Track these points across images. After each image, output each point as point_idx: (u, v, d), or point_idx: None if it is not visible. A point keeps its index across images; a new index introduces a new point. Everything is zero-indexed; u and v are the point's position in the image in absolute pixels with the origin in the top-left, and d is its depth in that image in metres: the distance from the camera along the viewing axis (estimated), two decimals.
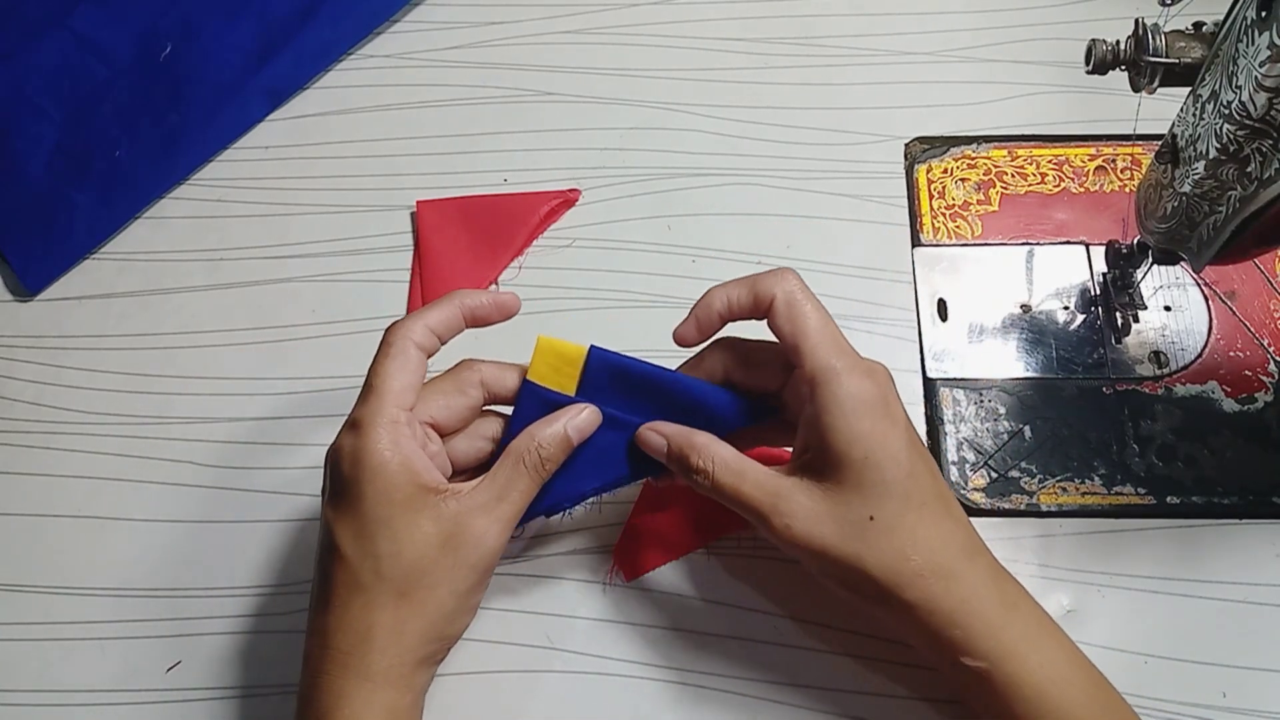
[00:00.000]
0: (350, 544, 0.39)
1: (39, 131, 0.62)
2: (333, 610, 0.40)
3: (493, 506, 0.40)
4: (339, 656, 0.39)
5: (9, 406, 0.56)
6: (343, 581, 0.39)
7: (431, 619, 0.40)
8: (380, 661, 0.39)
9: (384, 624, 0.39)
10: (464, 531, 0.40)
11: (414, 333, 0.42)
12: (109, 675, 0.49)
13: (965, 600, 0.39)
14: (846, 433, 0.39)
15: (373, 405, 0.40)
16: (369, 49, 0.66)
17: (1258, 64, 0.35)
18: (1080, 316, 0.54)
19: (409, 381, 0.41)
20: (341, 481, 0.40)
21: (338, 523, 0.40)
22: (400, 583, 0.39)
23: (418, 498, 0.39)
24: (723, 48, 0.64)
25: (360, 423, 0.40)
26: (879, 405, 0.39)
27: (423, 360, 0.42)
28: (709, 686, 0.47)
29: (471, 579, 0.40)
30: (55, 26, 0.64)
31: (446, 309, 0.43)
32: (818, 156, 0.60)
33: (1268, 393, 0.52)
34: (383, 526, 0.39)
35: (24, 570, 0.51)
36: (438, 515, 0.39)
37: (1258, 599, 0.48)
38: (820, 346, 0.40)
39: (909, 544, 0.39)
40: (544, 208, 0.58)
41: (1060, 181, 0.58)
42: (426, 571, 0.39)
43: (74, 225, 0.59)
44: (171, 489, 0.53)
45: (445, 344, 0.43)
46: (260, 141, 0.63)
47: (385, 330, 0.42)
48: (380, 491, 0.39)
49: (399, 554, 0.39)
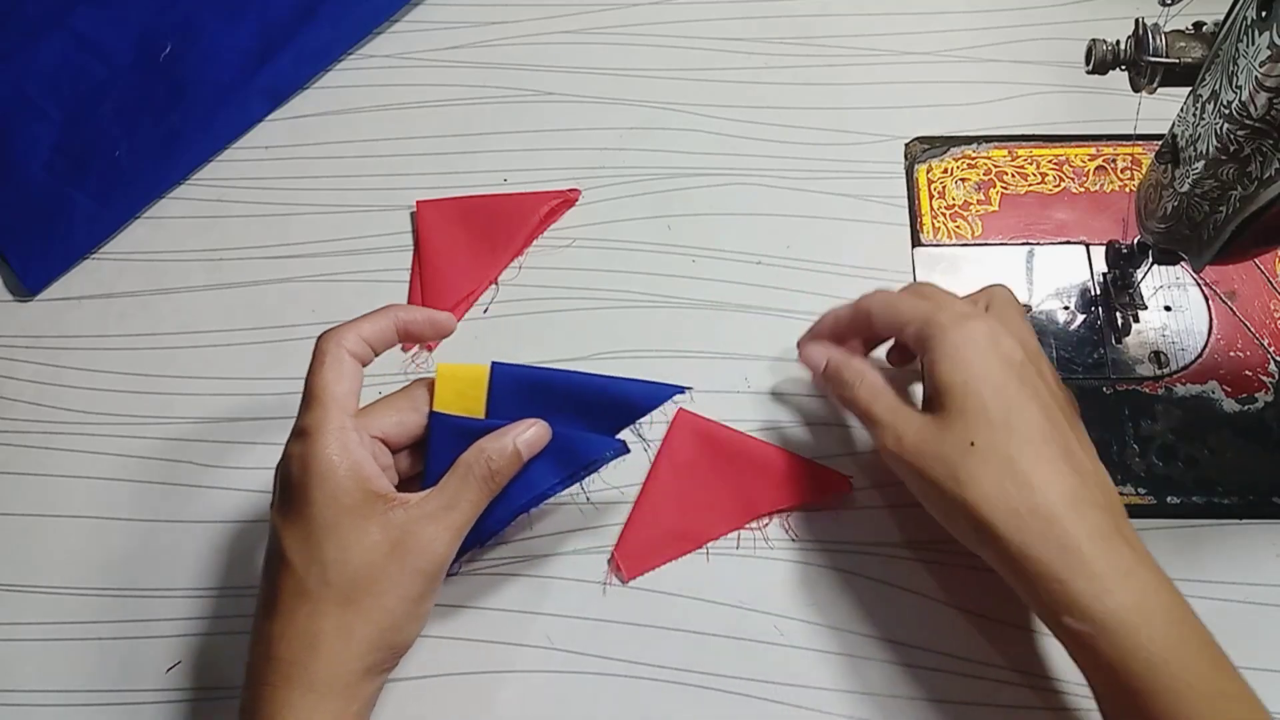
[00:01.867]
0: (297, 550, 0.39)
1: (39, 131, 0.62)
2: (277, 618, 0.39)
3: (441, 515, 0.40)
4: (282, 666, 0.38)
5: (9, 406, 0.56)
6: (288, 589, 0.39)
7: (379, 627, 0.39)
8: (325, 671, 0.38)
9: (329, 632, 0.38)
10: (412, 538, 0.39)
11: (347, 341, 0.42)
12: (109, 675, 0.49)
13: (1066, 550, 0.37)
14: (949, 365, 0.41)
15: (317, 413, 0.40)
16: (369, 49, 0.66)
17: (1258, 64, 0.35)
18: (1080, 316, 0.54)
19: (349, 388, 0.41)
20: (290, 488, 0.40)
21: (285, 529, 0.40)
22: (347, 590, 0.39)
23: (366, 504, 0.39)
24: (723, 48, 0.64)
25: (307, 430, 0.40)
26: (982, 340, 0.41)
27: (358, 368, 0.42)
28: (709, 686, 0.47)
29: (420, 585, 0.40)
30: (55, 26, 0.64)
31: (380, 320, 0.43)
32: (818, 156, 0.60)
33: (1268, 393, 0.52)
34: (330, 532, 0.39)
35: (24, 570, 0.51)
36: (386, 523, 0.39)
37: (1258, 599, 0.48)
38: (918, 311, 0.43)
39: (1008, 476, 0.38)
40: (544, 208, 0.58)
41: (1060, 181, 0.58)
42: (374, 579, 0.39)
43: (74, 225, 0.59)
44: (171, 489, 0.53)
45: (379, 355, 0.44)
46: (260, 141, 0.63)
47: (318, 338, 0.42)
48: (328, 496, 0.39)
49: (346, 560, 0.39)
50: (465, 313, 0.56)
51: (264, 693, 0.38)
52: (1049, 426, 0.40)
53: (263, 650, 0.39)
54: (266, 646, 0.39)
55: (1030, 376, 0.41)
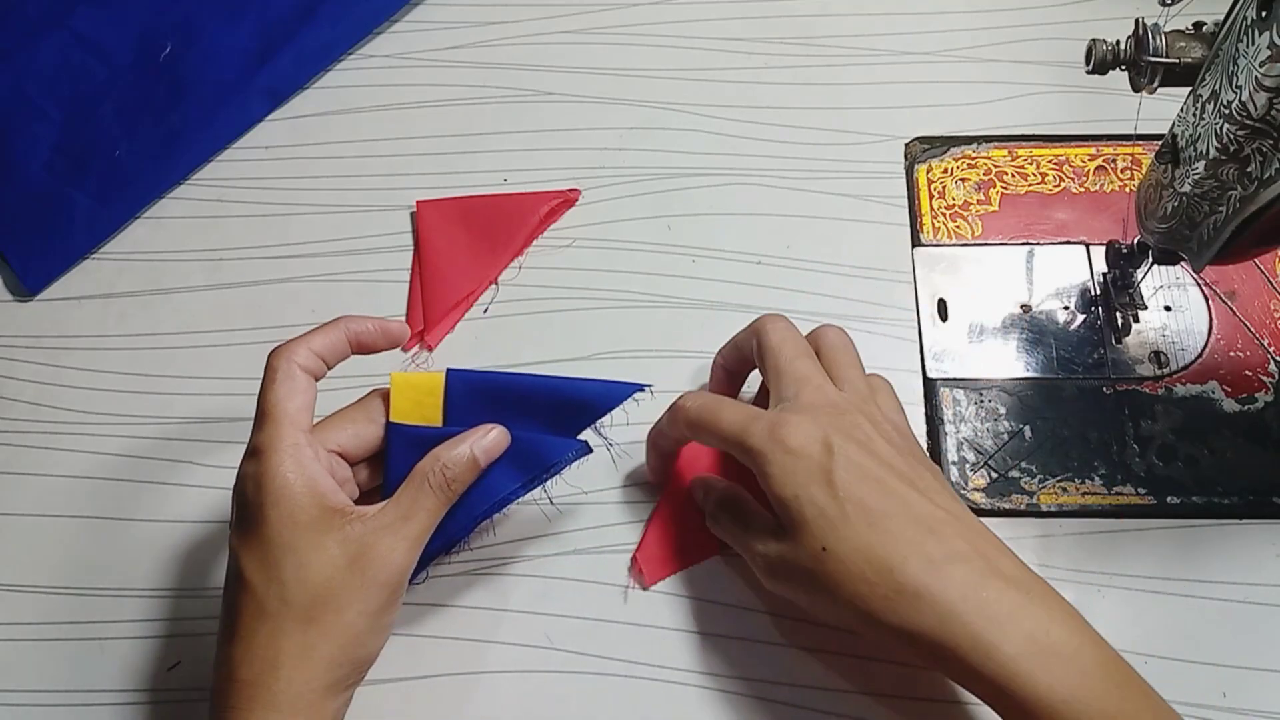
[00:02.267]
0: (255, 571, 0.39)
1: (38, 131, 0.62)
2: (238, 640, 0.39)
3: (399, 526, 0.40)
4: (245, 688, 0.38)
5: (9, 406, 0.56)
6: (248, 610, 0.39)
7: (340, 642, 0.39)
8: (287, 690, 0.38)
9: (290, 650, 0.38)
10: (370, 551, 0.39)
11: (298, 355, 0.42)
12: (109, 675, 0.49)
13: (942, 619, 0.37)
14: (777, 485, 0.40)
15: (269, 430, 0.40)
16: (369, 49, 0.66)
17: (1258, 64, 0.35)
18: (1080, 316, 0.54)
19: (302, 403, 0.41)
20: (246, 508, 0.40)
21: (242, 550, 0.40)
22: (307, 607, 0.38)
23: (323, 520, 0.39)
24: (723, 48, 0.64)
25: (261, 448, 0.40)
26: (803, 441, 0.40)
27: (310, 383, 0.42)
28: (709, 687, 0.47)
29: (381, 598, 0.40)
30: (55, 26, 0.64)
31: (331, 333, 0.43)
32: (818, 156, 0.60)
33: (1268, 393, 0.52)
34: (288, 551, 0.39)
35: (24, 570, 0.51)
36: (343, 538, 0.39)
37: (1258, 599, 0.48)
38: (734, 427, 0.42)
39: (867, 566, 0.38)
40: (544, 208, 0.58)
41: (1060, 181, 0.58)
42: (334, 594, 0.39)
43: (74, 225, 0.59)
44: (171, 489, 0.53)
45: (331, 369, 0.43)
46: (260, 141, 0.63)
47: (269, 355, 0.42)
48: (285, 515, 0.39)
49: (305, 579, 0.39)
50: (465, 313, 0.56)
51: (228, 717, 0.38)
52: (888, 498, 0.39)
53: (225, 673, 0.39)
54: (228, 669, 0.39)
55: (853, 453, 0.40)
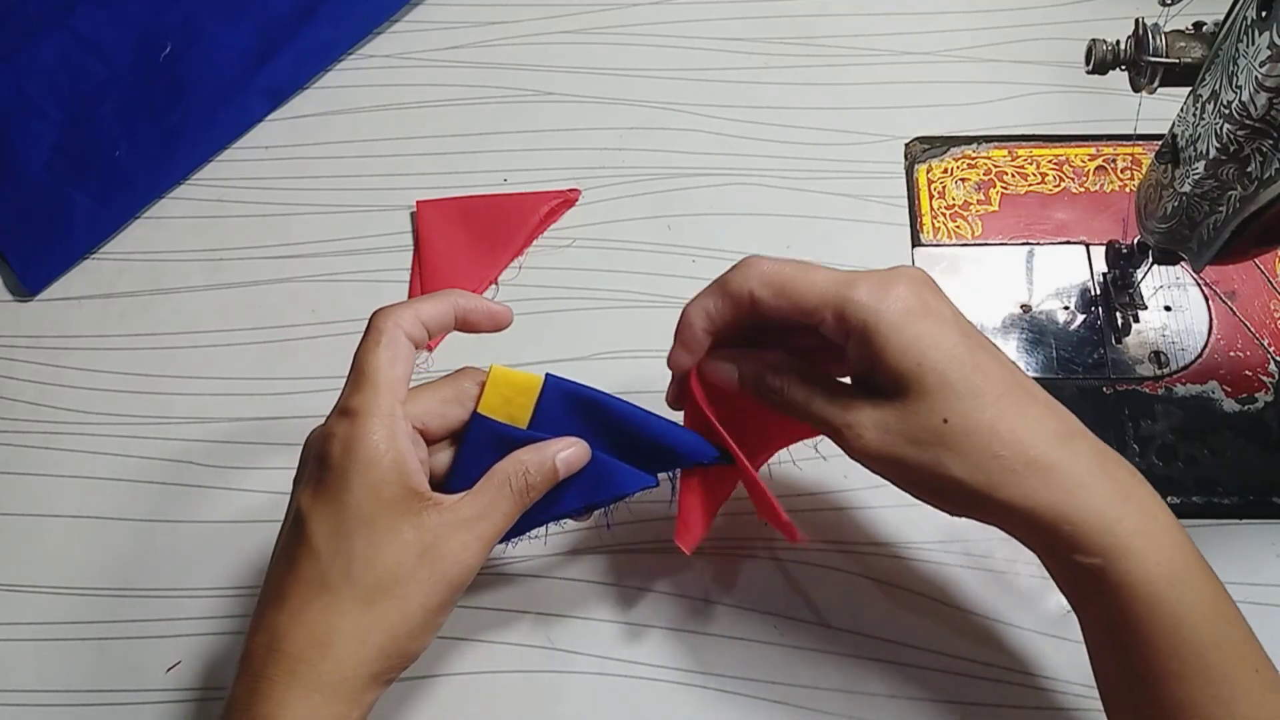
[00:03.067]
0: (325, 538, 0.37)
1: (39, 131, 0.62)
2: (288, 608, 0.37)
3: (474, 524, 0.39)
4: (287, 661, 0.36)
5: (9, 406, 0.56)
6: (307, 578, 0.37)
7: (395, 633, 0.37)
8: (334, 672, 0.36)
9: (345, 631, 0.36)
10: (444, 544, 0.38)
11: (405, 321, 0.39)
12: (109, 675, 0.48)
13: (1071, 492, 0.36)
14: (892, 347, 0.36)
15: (368, 394, 0.38)
16: (369, 49, 0.66)
17: (1258, 64, 0.35)
18: (1080, 316, 0.54)
19: (402, 372, 0.39)
20: (328, 469, 0.38)
21: (315, 512, 0.37)
22: (370, 589, 0.37)
23: (404, 501, 0.37)
24: (723, 48, 0.64)
25: (355, 411, 0.38)
26: (916, 308, 0.37)
27: (412, 351, 0.40)
28: (709, 687, 0.47)
29: (443, 595, 0.38)
30: (55, 26, 0.64)
31: (441, 304, 0.41)
32: (818, 156, 0.60)
33: (1268, 393, 0.52)
34: (364, 525, 0.37)
35: (24, 570, 0.51)
36: (420, 524, 0.37)
37: (1258, 599, 0.48)
38: (827, 293, 0.37)
39: (994, 440, 0.36)
40: (544, 208, 0.58)
41: (1060, 181, 0.58)
42: (400, 581, 0.37)
43: (74, 225, 0.60)
44: (171, 489, 0.53)
45: (433, 340, 0.42)
46: (260, 141, 0.63)
47: (373, 315, 0.40)
48: (369, 486, 0.37)
49: (375, 557, 0.37)
50: None
51: (262, 686, 0.36)
52: (1005, 371, 0.37)
53: (266, 640, 0.37)
54: (272, 637, 0.37)
55: (965, 324, 0.38)
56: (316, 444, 0.39)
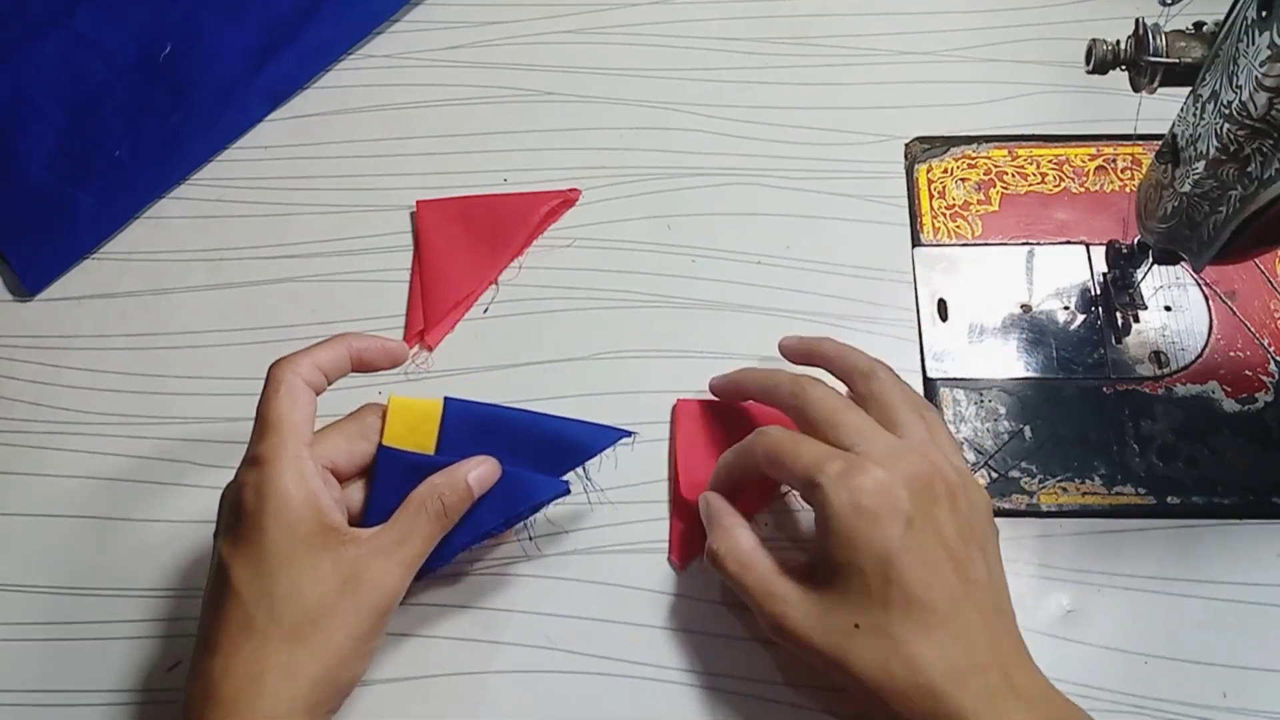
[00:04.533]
0: (246, 582, 0.38)
1: (40, 131, 0.62)
2: (219, 654, 0.38)
3: (394, 550, 0.40)
4: (224, 705, 0.37)
5: (9, 406, 0.56)
6: (235, 622, 0.38)
7: (326, 664, 0.38)
8: (269, 710, 0.37)
9: (275, 669, 0.37)
10: (364, 573, 0.39)
11: (302, 369, 0.41)
12: (109, 675, 0.48)
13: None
14: (835, 542, 0.39)
15: (273, 440, 0.40)
16: (369, 49, 0.66)
17: (1258, 64, 0.35)
18: (1080, 316, 0.54)
19: (303, 416, 0.41)
20: (243, 516, 0.39)
21: (235, 560, 0.39)
22: (296, 625, 0.38)
23: (320, 536, 0.39)
24: (723, 48, 0.64)
25: (263, 458, 0.39)
26: (868, 504, 0.38)
27: (313, 397, 0.42)
28: (709, 687, 0.47)
29: (369, 622, 0.39)
30: (56, 26, 0.64)
31: (335, 349, 0.43)
32: (818, 156, 0.60)
33: (1268, 393, 0.52)
34: (283, 564, 0.38)
35: (24, 570, 0.51)
36: (338, 558, 0.39)
37: (1258, 599, 0.48)
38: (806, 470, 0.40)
39: (891, 657, 0.38)
40: (544, 208, 0.58)
41: (1060, 181, 0.58)
42: (324, 614, 0.38)
43: (74, 225, 0.59)
44: (171, 489, 0.53)
45: (332, 384, 0.43)
46: (260, 141, 0.63)
47: (270, 367, 0.42)
48: (284, 526, 0.38)
49: (297, 594, 0.38)
50: (465, 313, 0.56)
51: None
52: (931, 593, 0.38)
53: (201, 688, 0.38)
54: (206, 684, 0.38)
55: (923, 535, 0.39)
56: (230, 495, 0.41)
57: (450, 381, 0.54)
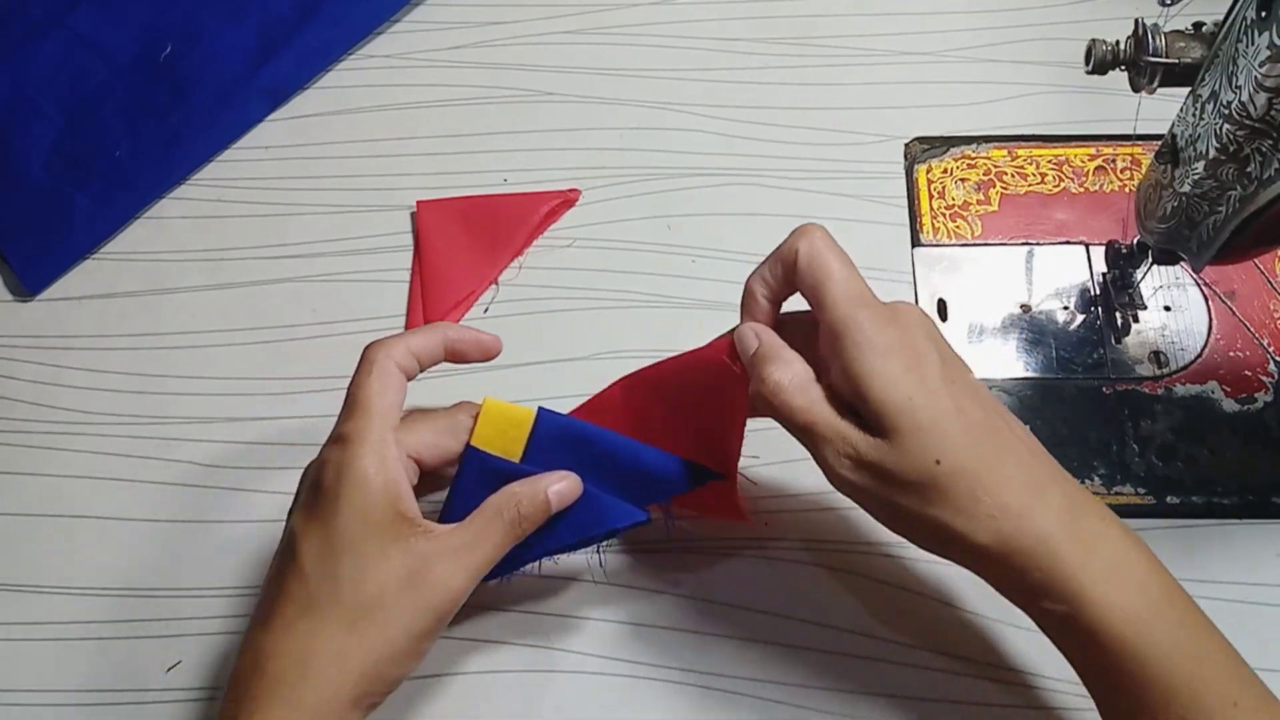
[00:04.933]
0: (313, 559, 0.38)
1: (39, 131, 0.62)
2: (273, 629, 0.38)
3: (463, 553, 0.39)
4: (268, 682, 0.37)
5: (9, 406, 0.56)
6: (295, 598, 0.38)
7: (377, 657, 0.38)
8: (313, 694, 0.37)
9: (326, 653, 0.37)
10: (430, 571, 0.38)
11: (395, 353, 0.41)
12: (109, 675, 0.48)
13: (1040, 539, 0.36)
14: (881, 378, 0.37)
15: (360, 421, 0.39)
16: (369, 49, 0.66)
17: (1258, 64, 0.35)
18: (1080, 316, 0.54)
19: (393, 400, 0.40)
20: (320, 494, 0.39)
21: (305, 535, 0.39)
22: (354, 612, 0.37)
23: (393, 525, 0.38)
24: (723, 48, 0.64)
25: (348, 437, 0.39)
26: (905, 348, 0.38)
27: (403, 381, 0.41)
28: (709, 687, 0.47)
29: (427, 621, 0.38)
30: (55, 26, 0.64)
31: (430, 336, 0.42)
32: (818, 156, 0.60)
33: (1268, 393, 0.52)
34: (352, 547, 0.38)
35: (24, 570, 0.51)
36: (407, 549, 0.38)
37: (1258, 599, 0.48)
38: (842, 297, 0.39)
39: (977, 485, 0.37)
40: (544, 208, 0.58)
41: (1060, 181, 0.58)
42: (384, 605, 0.38)
43: (74, 225, 0.60)
44: (171, 489, 0.53)
45: (423, 371, 0.43)
46: (260, 141, 0.63)
47: (366, 348, 0.41)
48: (358, 509, 0.38)
49: (361, 580, 0.38)
50: (466, 313, 0.57)
51: (245, 707, 0.37)
52: (990, 417, 0.38)
53: (251, 660, 0.38)
54: (256, 657, 0.38)
55: (956, 365, 0.39)
56: (312, 471, 0.40)
57: (451, 381, 0.54)
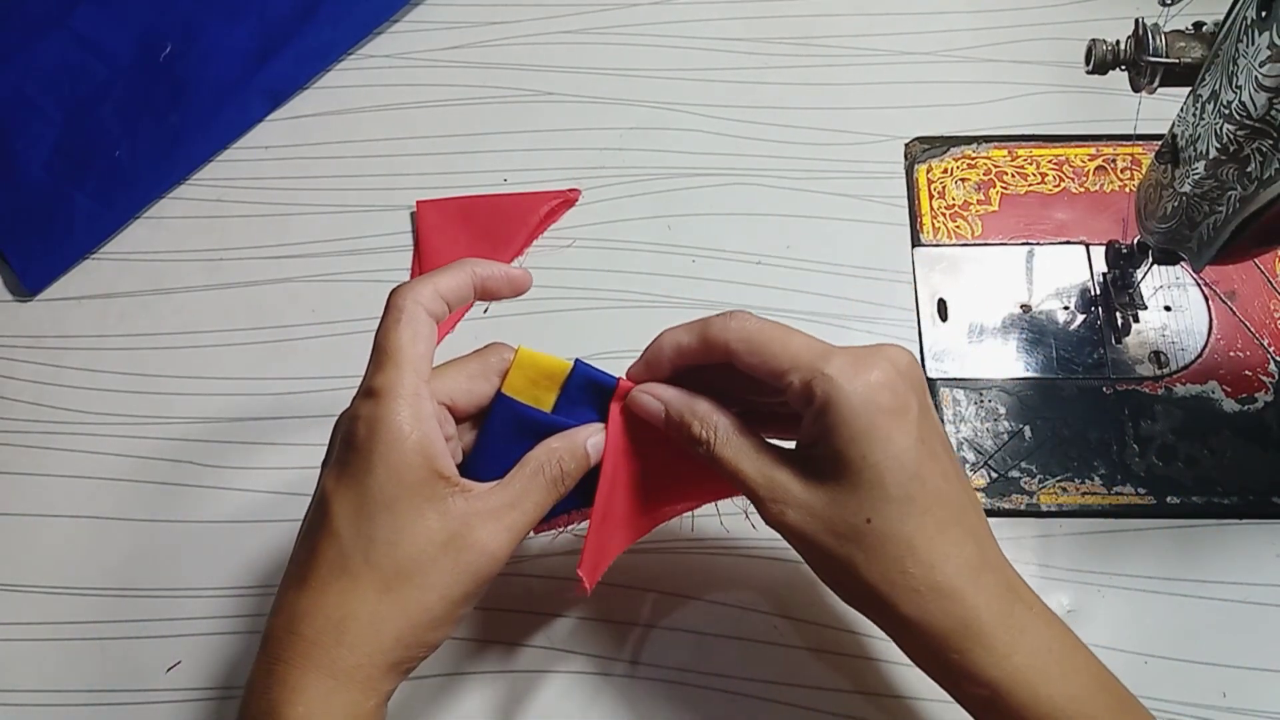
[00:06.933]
0: (346, 520, 0.36)
1: (39, 131, 0.62)
2: (308, 591, 0.36)
3: (504, 513, 0.37)
4: (303, 644, 0.35)
5: (9, 406, 0.56)
6: (328, 560, 0.36)
7: (414, 621, 0.36)
8: (349, 658, 0.35)
9: (361, 616, 0.35)
10: (470, 534, 0.36)
11: (424, 296, 0.38)
12: (109, 675, 0.49)
13: (966, 623, 0.35)
14: (844, 431, 0.35)
15: (391, 374, 0.37)
16: (369, 49, 0.66)
17: (1258, 64, 0.35)
18: (1080, 316, 0.54)
19: (424, 350, 0.38)
20: (351, 451, 0.36)
21: (337, 494, 0.36)
22: (390, 574, 0.36)
23: (428, 484, 0.36)
24: (723, 48, 0.64)
25: (379, 391, 0.36)
26: (882, 399, 0.36)
27: (434, 327, 0.39)
28: (709, 686, 0.47)
29: (466, 586, 0.37)
30: (55, 26, 0.64)
31: (458, 275, 0.39)
32: (818, 156, 0.60)
33: (1268, 393, 0.52)
34: (386, 509, 0.36)
35: (24, 570, 0.51)
36: (445, 510, 0.36)
37: (1258, 599, 0.48)
38: (800, 359, 0.36)
39: (906, 555, 0.36)
40: (544, 208, 0.58)
41: (1060, 181, 0.58)
42: (422, 569, 0.36)
43: (74, 225, 0.59)
44: (171, 489, 0.53)
45: (452, 312, 0.40)
46: (260, 141, 0.63)
47: (391, 292, 0.39)
48: (392, 468, 0.36)
49: (397, 542, 0.36)
50: (465, 313, 0.57)
51: (277, 669, 0.35)
52: (945, 487, 0.37)
53: (284, 622, 0.36)
54: (290, 620, 0.36)
55: (927, 425, 0.37)
56: (343, 426, 0.38)
57: None
